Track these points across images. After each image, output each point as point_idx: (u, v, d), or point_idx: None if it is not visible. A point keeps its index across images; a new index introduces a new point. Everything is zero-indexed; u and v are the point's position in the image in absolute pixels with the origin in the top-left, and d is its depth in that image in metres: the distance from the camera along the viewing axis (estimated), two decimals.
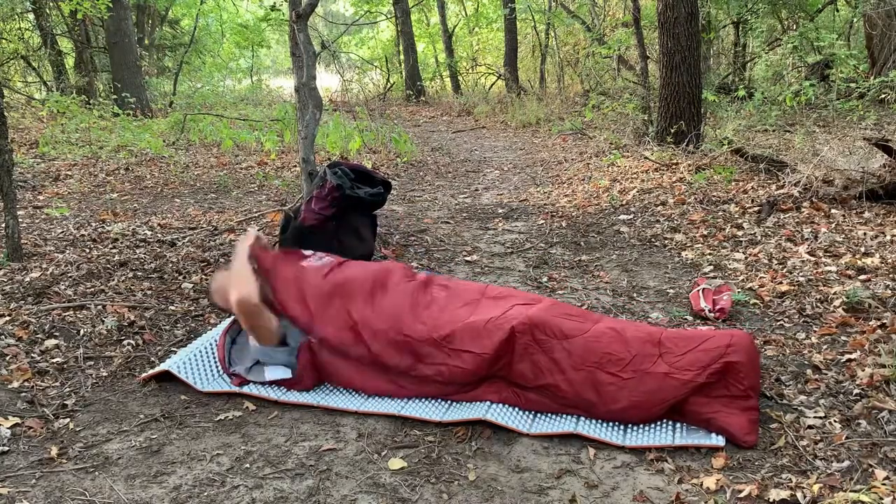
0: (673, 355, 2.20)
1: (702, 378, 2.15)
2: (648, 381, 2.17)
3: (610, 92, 10.84)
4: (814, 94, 7.89)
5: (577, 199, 5.47)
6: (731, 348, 2.17)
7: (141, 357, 2.77)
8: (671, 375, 2.16)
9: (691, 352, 2.20)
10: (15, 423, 2.26)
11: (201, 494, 1.94)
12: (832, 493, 1.84)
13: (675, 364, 2.18)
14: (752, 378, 2.17)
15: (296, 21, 3.93)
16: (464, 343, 2.35)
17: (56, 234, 4.34)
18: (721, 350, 2.18)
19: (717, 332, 2.30)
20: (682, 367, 2.17)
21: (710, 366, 2.16)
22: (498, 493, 1.93)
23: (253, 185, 6.24)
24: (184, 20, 16.92)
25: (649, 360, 2.21)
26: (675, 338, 2.26)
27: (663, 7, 6.58)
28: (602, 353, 2.22)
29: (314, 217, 3.59)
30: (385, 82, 16.92)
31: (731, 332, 2.28)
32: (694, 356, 2.19)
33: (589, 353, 2.24)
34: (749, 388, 2.15)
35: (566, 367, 2.24)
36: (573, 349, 2.25)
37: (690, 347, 2.21)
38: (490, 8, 17.24)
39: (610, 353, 2.22)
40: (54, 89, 11.33)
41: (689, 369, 2.16)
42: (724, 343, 2.20)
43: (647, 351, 2.22)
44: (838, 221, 4.14)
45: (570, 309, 2.49)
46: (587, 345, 2.25)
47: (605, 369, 2.21)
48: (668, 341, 2.24)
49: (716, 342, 2.21)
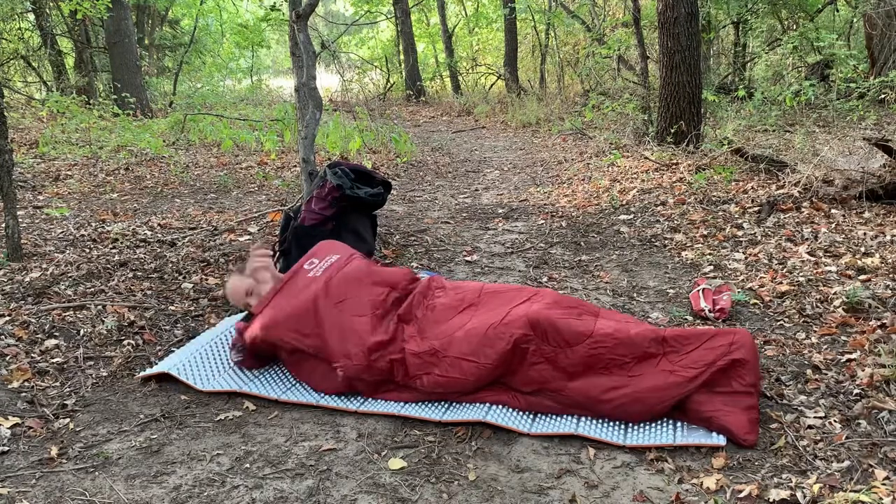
0: (677, 354, 2.22)
1: (705, 375, 2.16)
2: (652, 379, 2.18)
3: (610, 92, 10.84)
4: (814, 94, 7.89)
5: (577, 199, 5.47)
6: (734, 346, 2.19)
7: (141, 357, 2.77)
8: (675, 373, 2.17)
9: (696, 350, 2.21)
10: (15, 423, 2.26)
11: (201, 494, 1.94)
12: (832, 493, 1.84)
13: (679, 362, 2.19)
14: (753, 375, 2.18)
15: (296, 21, 3.93)
16: (463, 352, 2.35)
17: (56, 234, 4.34)
18: (725, 348, 2.19)
19: (720, 331, 2.30)
20: (686, 365, 2.18)
21: (714, 363, 2.17)
22: (498, 493, 1.93)
23: (253, 185, 6.24)
24: (184, 20, 16.92)
25: (653, 359, 2.22)
26: (679, 336, 2.27)
27: (663, 7, 6.58)
28: (607, 358, 2.23)
29: (314, 217, 3.60)
30: (385, 82, 16.92)
31: (734, 330, 2.29)
32: (698, 354, 2.20)
33: (594, 359, 2.24)
34: (751, 385, 2.16)
35: (570, 374, 2.25)
36: (577, 357, 2.25)
37: (695, 346, 2.22)
38: (490, 8, 17.24)
39: (614, 357, 2.22)
40: (54, 89, 11.33)
41: (693, 367, 2.17)
42: (727, 341, 2.21)
43: (651, 350, 2.23)
44: (838, 221, 4.14)
45: (571, 303, 2.47)
46: (591, 351, 2.24)
47: (610, 373, 2.21)
48: (673, 339, 2.25)
49: (720, 340, 2.23)
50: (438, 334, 2.43)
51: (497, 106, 12.77)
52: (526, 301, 2.47)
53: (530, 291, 2.57)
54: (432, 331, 2.47)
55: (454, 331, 2.42)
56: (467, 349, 2.33)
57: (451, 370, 2.33)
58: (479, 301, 2.56)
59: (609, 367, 2.22)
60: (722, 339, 2.22)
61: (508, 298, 2.52)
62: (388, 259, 4.02)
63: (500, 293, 2.57)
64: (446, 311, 2.55)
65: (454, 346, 2.36)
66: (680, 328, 2.35)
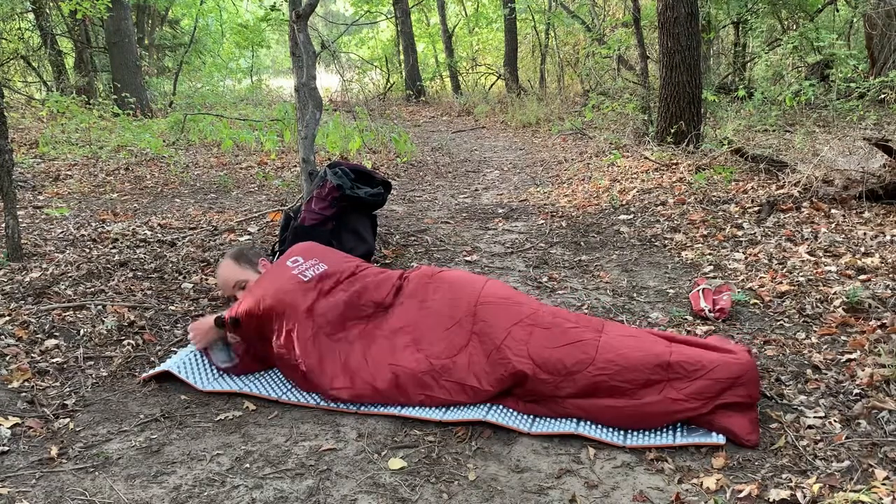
0: (681, 381, 2.17)
1: (707, 408, 2.14)
2: (656, 406, 2.16)
3: (610, 92, 10.84)
4: (814, 94, 7.90)
5: (577, 199, 5.47)
6: (740, 380, 2.14)
7: (141, 357, 2.77)
8: (678, 402, 2.14)
9: (700, 379, 2.16)
10: (15, 423, 2.26)
11: (201, 494, 1.94)
12: (832, 493, 1.84)
13: (684, 390, 2.15)
14: (754, 395, 2.17)
15: (296, 21, 3.93)
16: (462, 376, 2.35)
17: (56, 234, 4.34)
18: (731, 381, 2.13)
19: (726, 359, 2.20)
20: (690, 395, 2.14)
21: (717, 397, 2.13)
22: (498, 493, 1.93)
23: (253, 185, 6.24)
24: (184, 20, 16.93)
25: (657, 385, 2.18)
26: (684, 362, 2.20)
27: (663, 7, 6.58)
28: (609, 385, 2.20)
29: (314, 217, 3.60)
30: (385, 82, 16.92)
31: (740, 360, 2.19)
32: (703, 384, 2.15)
33: (595, 387, 2.22)
34: (750, 398, 2.15)
35: (572, 395, 2.24)
36: (578, 385, 2.23)
37: (699, 374, 2.16)
38: (490, 8, 17.25)
39: (616, 384, 2.19)
40: (54, 89, 11.33)
41: (698, 398, 2.14)
42: (734, 374, 2.14)
43: (655, 377, 2.19)
44: (838, 221, 4.14)
45: (569, 335, 2.37)
46: (593, 379, 2.22)
47: (613, 400, 2.20)
48: (677, 365, 2.19)
49: (726, 371, 2.15)
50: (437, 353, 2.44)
51: (497, 106, 12.77)
52: (521, 323, 2.41)
53: (527, 310, 2.48)
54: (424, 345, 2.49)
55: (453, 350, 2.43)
56: (469, 373, 2.36)
57: (453, 393, 2.36)
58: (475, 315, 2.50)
59: (612, 393, 2.22)
60: (729, 371, 2.15)
61: (505, 318, 2.45)
62: (388, 259, 4.02)
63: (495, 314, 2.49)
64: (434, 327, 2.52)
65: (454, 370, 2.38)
66: (685, 349, 2.27)
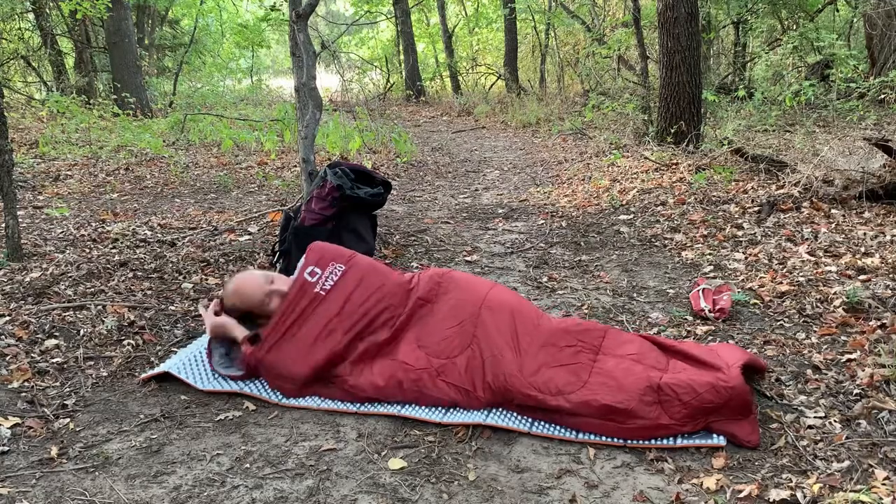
0: (672, 405, 2.15)
1: (699, 427, 2.14)
2: (647, 428, 2.15)
3: (610, 92, 10.85)
4: (814, 94, 7.90)
5: (577, 199, 5.47)
6: (730, 403, 2.12)
7: (141, 357, 2.77)
8: (670, 426, 2.14)
9: (691, 401, 2.14)
10: (15, 423, 2.26)
11: (201, 494, 1.94)
12: (832, 493, 1.84)
13: (675, 415, 2.14)
14: (745, 414, 2.14)
15: (296, 21, 3.93)
16: (458, 379, 2.36)
17: (56, 234, 4.34)
18: (719, 404, 2.12)
19: (718, 382, 2.16)
20: (681, 419, 2.13)
21: (706, 418, 2.13)
22: (498, 493, 1.93)
23: (253, 185, 6.24)
24: (184, 20, 16.94)
25: (651, 409, 2.16)
26: (675, 384, 2.18)
27: (663, 7, 6.58)
28: (600, 404, 2.19)
29: (314, 217, 3.60)
30: (385, 82, 16.93)
31: (728, 384, 2.15)
32: (694, 408, 2.14)
33: (587, 406, 2.21)
34: (741, 416, 2.14)
35: (567, 409, 2.23)
36: (570, 403, 2.23)
37: (689, 398, 2.15)
38: (490, 8, 17.26)
39: (607, 404, 2.18)
40: (54, 89, 11.34)
41: (689, 421, 2.14)
42: (723, 398, 2.12)
43: (646, 398, 2.18)
44: (838, 221, 4.14)
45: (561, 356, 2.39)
46: (585, 398, 2.22)
47: (606, 418, 2.19)
48: (668, 388, 2.18)
49: (717, 396, 2.13)
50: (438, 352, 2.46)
51: (497, 106, 12.78)
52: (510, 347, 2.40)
53: (529, 324, 2.48)
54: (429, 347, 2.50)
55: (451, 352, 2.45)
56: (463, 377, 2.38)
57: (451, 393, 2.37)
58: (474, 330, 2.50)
59: (606, 414, 2.20)
60: (719, 395, 2.12)
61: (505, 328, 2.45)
62: (388, 259, 4.02)
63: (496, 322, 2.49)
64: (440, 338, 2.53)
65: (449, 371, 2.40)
66: (675, 374, 2.24)
